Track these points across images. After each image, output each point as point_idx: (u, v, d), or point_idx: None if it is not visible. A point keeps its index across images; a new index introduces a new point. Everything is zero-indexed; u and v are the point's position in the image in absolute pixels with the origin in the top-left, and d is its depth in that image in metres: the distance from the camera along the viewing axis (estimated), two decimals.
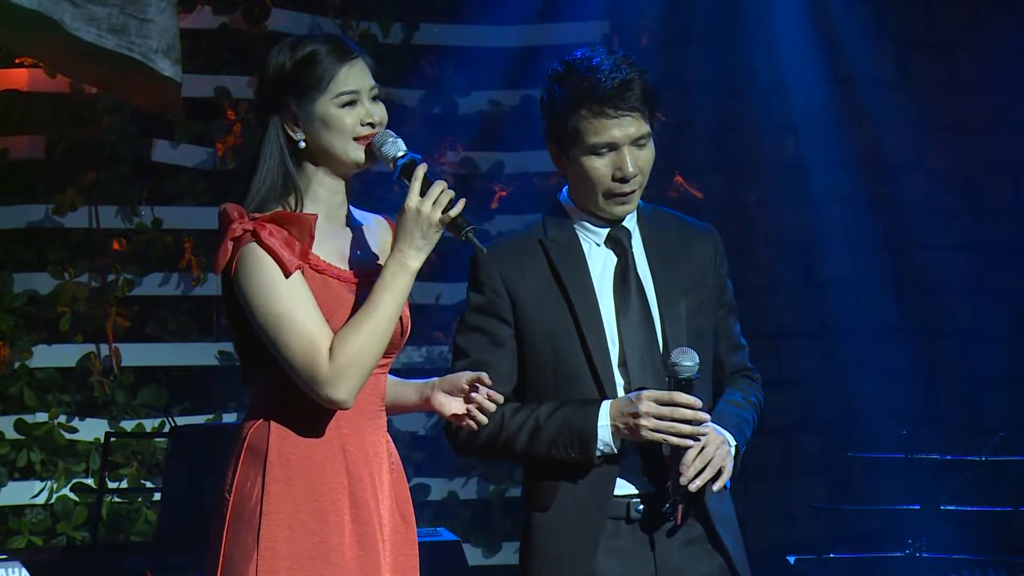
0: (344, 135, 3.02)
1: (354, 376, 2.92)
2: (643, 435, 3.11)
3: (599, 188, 3.23)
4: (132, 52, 4.71)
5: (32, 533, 5.76)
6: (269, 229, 2.93)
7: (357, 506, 2.99)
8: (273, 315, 2.91)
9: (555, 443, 3.18)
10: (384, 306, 2.95)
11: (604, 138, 3.21)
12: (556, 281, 3.25)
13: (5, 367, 5.74)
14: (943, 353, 6.94)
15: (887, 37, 7.03)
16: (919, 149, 7.11)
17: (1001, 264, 7.07)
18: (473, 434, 3.22)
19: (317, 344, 2.90)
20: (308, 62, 3.01)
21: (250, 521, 2.94)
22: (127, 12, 4.68)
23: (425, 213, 2.95)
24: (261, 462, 2.96)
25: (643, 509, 3.20)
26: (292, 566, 2.92)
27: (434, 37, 6.46)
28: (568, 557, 3.19)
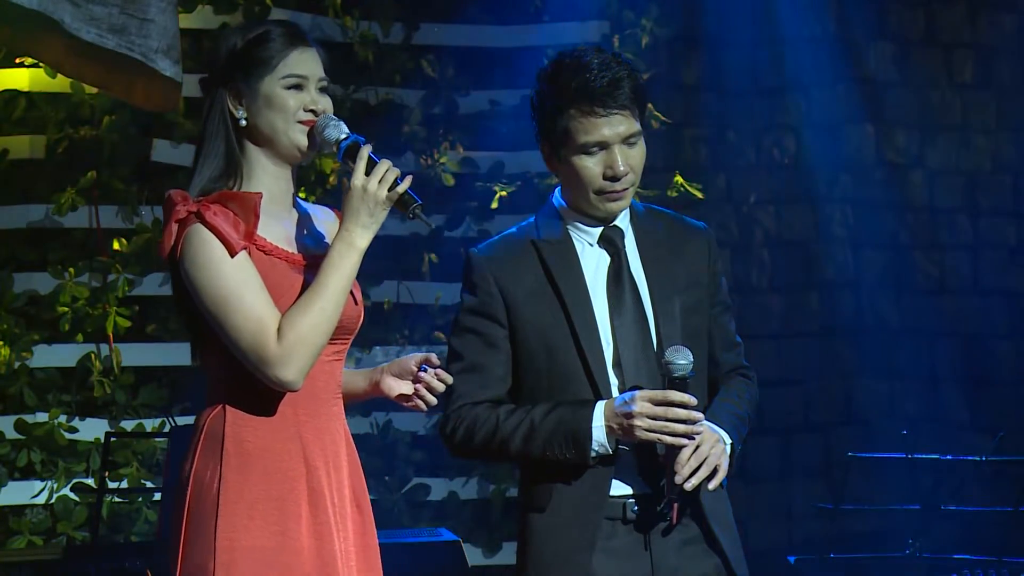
0: (286, 116, 3.00)
1: (303, 356, 2.89)
2: (637, 435, 3.11)
3: (590, 187, 3.22)
4: (132, 52, 4.71)
5: (32, 533, 5.75)
6: (213, 209, 2.91)
7: (314, 494, 2.97)
8: (220, 296, 2.89)
9: (550, 444, 3.18)
10: (332, 285, 2.94)
11: (594, 137, 3.20)
12: (549, 282, 3.25)
13: (5, 367, 5.73)
14: (943, 353, 6.94)
15: (887, 37, 7.04)
16: (919, 149, 7.11)
17: (1001, 264, 7.07)
18: (468, 436, 3.23)
19: (265, 324, 2.88)
20: (260, 41, 3.01)
21: (209, 512, 2.92)
22: (127, 12, 4.68)
23: (372, 191, 2.95)
24: (218, 451, 2.94)
25: (639, 509, 3.20)
26: (251, 556, 2.90)
27: (434, 37, 6.46)
28: (564, 558, 3.19)
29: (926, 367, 6.90)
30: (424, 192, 6.29)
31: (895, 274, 6.90)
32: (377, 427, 6.21)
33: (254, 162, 3.04)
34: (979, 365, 6.96)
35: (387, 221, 6.97)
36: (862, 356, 6.89)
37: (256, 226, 2.94)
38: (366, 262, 6.49)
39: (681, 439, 3.12)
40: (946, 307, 7.01)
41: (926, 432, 5.98)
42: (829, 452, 6.76)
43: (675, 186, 6.42)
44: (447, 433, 3.29)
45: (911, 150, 7.12)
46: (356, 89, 6.32)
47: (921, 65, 7.13)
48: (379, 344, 6.23)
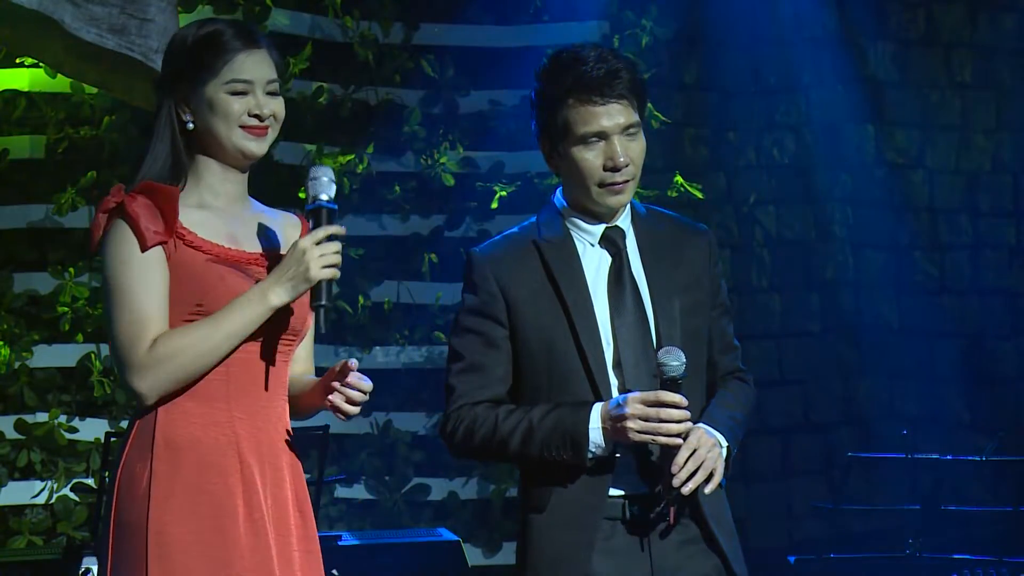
0: (229, 121, 2.97)
1: (164, 373, 2.89)
2: (631, 437, 3.11)
3: (591, 180, 3.20)
4: (132, 52, 4.71)
5: (32, 533, 5.75)
6: (139, 201, 2.92)
7: (248, 490, 2.94)
8: (116, 288, 2.91)
9: (548, 445, 3.17)
10: (228, 323, 2.91)
11: (593, 127, 3.18)
12: (550, 281, 3.24)
13: (5, 367, 5.73)
14: (943, 353, 6.94)
15: (887, 37, 7.04)
16: (919, 149, 7.11)
17: (1001, 264, 7.07)
18: (468, 435, 3.22)
19: (145, 327, 2.89)
20: (206, 43, 2.99)
21: (140, 504, 2.90)
22: (127, 12, 4.68)
23: (308, 260, 2.92)
24: (149, 445, 2.92)
25: (638, 509, 3.20)
26: (185, 550, 2.88)
27: (434, 37, 6.46)
28: (564, 558, 3.18)
29: (926, 367, 6.90)
30: (424, 192, 6.34)
31: (895, 274, 6.90)
32: (377, 427, 6.21)
33: (201, 165, 3.03)
34: (979, 365, 6.96)
35: (388, 221, 6.96)
36: (862, 356, 6.90)
37: (175, 217, 2.93)
38: (366, 262, 6.50)
39: (674, 439, 3.12)
40: (946, 307, 7.01)
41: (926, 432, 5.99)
42: (829, 452, 6.76)
43: (675, 186, 6.42)
44: (447, 433, 3.27)
45: (911, 150, 7.12)
46: (356, 89, 6.32)
47: (921, 65, 7.13)
48: (379, 344, 6.23)
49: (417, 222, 6.36)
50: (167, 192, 2.95)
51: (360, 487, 6.15)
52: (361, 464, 6.16)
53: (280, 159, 6.04)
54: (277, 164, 6.00)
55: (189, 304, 2.94)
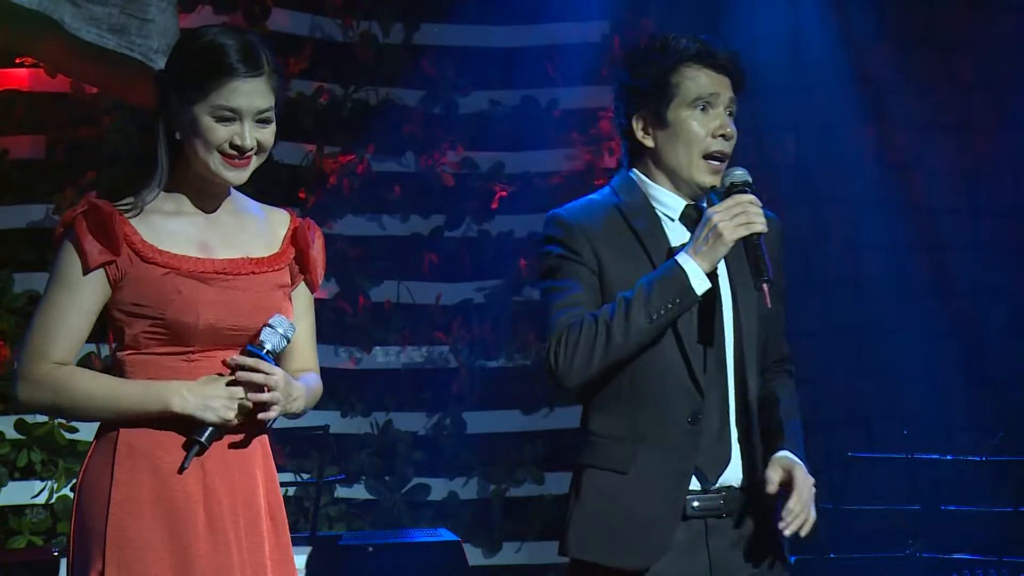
0: (208, 146, 2.94)
1: (43, 398, 2.98)
2: (730, 236, 3.13)
3: (696, 146, 3.26)
4: (132, 52, 4.71)
5: (32, 533, 5.75)
6: (92, 219, 2.93)
7: (211, 499, 2.93)
8: (46, 301, 2.96)
9: (651, 304, 3.12)
10: (124, 403, 2.92)
11: (708, 89, 3.26)
12: (638, 242, 3.24)
13: (5, 367, 5.73)
14: (943, 353, 6.94)
15: (887, 37, 7.04)
16: (919, 149, 7.11)
17: (1001, 264, 7.07)
18: (572, 348, 3.15)
19: (52, 344, 2.96)
20: (203, 61, 2.93)
21: (100, 511, 2.91)
22: (127, 12, 4.69)
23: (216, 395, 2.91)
24: (111, 451, 2.93)
25: (699, 505, 3.19)
26: (142, 555, 2.88)
27: (434, 37, 6.47)
28: (648, 524, 3.16)
29: (926, 367, 6.90)
30: (424, 192, 6.34)
31: (895, 274, 6.90)
32: (377, 427, 6.21)
33: (185, 171, 3.01)
34: (979, 365, 6.95)
35: (388, 221, 6.96)
36: (863, 356, 6.89)
37: (119, 240, 2.92)
38: (366, 262, 6.49)
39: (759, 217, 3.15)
40: (946, 307, 7.01)
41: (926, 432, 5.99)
42: (829, 452, 6.76)
43: None
44: (550, 361, 3.18)
45: (911, 150, 7.12)
46: (356, 89, 6.32)
47: (921, 65, 7.13)
48: (379, 344, 6.23)
49: (417, 222, 6.36)
50: (110, 214, 2.94)
51: (360, 487, 6.15)
52: (361, 464, 6.16)
53: (280, 159, 6.04)
54: (277, 164, 6.00)
55: (150, 316, 2.93)
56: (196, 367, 2.94)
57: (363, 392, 6.21)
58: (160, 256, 2.95)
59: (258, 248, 3.05)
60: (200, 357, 2.95)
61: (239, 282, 2.98)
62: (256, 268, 3.02)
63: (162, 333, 2.93)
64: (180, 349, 2.94)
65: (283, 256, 3.08)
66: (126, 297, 2.94)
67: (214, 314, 2.93)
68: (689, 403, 3.19)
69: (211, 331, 2.93)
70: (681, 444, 3.18)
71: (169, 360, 2.94)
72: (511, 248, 6.37)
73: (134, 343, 2.96)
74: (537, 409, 6.36)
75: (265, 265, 3.03)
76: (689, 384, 3.20)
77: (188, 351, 2.94)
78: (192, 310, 2.92)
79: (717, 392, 3.23)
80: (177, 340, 2.93)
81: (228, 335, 2.95)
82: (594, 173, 6.39)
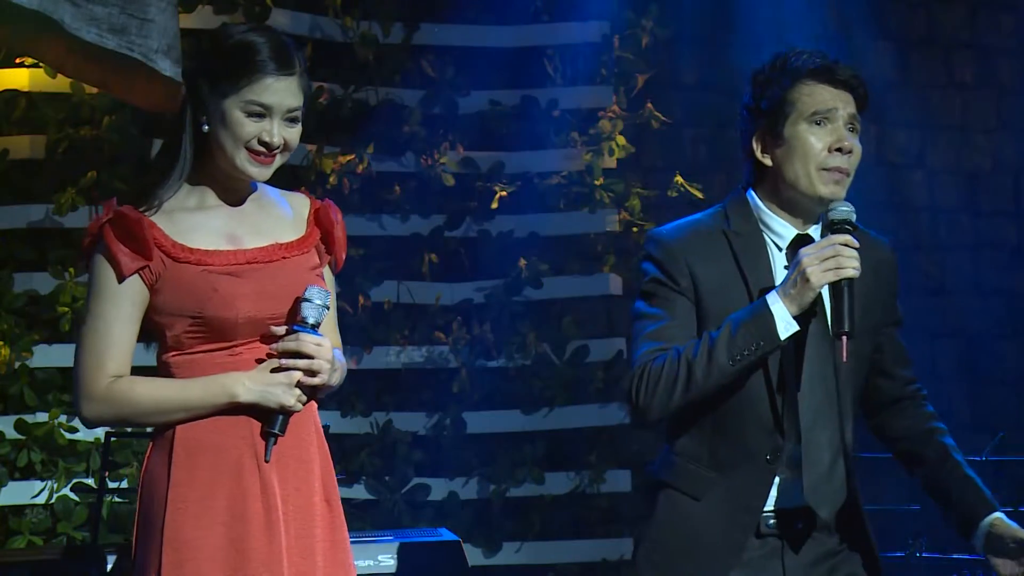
0: (237, 140, 2.98)
1: (110, 412, 2.98)
2: (817, 280, 3.06)
3: (812, 161, 3.19)
4: (132, 52, 4.71)
5: (32, 533, 5.75)
6: (120, 226, 2.95)
7: (267, 491, 2.95)
8: (89, 315, 2.98)
9: (734, 345, 3.08)
10: (190, 399, 2.95)
11: (826, 104, 3.20)
12: (738, 270, 3.21)
13: (5, 367, 5.73)
14: (943, 353, 6.94)
15: (887, 37, 7.04)
16: (919, 149, 7.11)
17: (1001, 264, 7.07)
18: (653, 383, 3.14)
19: (106, 357, 2.96)
20: (238, 56, 2.96)
21: (158, 511, 2.93)
22: (128, 12, 4.68)
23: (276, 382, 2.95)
24: (167, 452, 2.95)
25: (775, 524, 3.18)
26: (198, 553, 2.90)
27: (434, 37, 6.46)
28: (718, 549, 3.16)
29: (926, 367, 6.89)
30: (424, 192, 6.34)
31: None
32: (377, 427, 6.21)
33: (210, 165, 3.04)
34: (979, 365, 6.95)
35: (388, 221, 6.96)
36: None
37: (150, 245, 2.95)
38: (366, 262, 6.49)
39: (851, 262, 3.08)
40: (946, 307, 7.01)
41: None
42: None
43: (675, 186, 6.42)
44: (631, 396, 3.17)
45: (911, 150, 7.12)
46: (356, 89, 6.32)
47: (921, 65, 7.13)
48: (379, 344, 6.23)
49: (417, 222, 6.36)
50: (137, 219, 2.96)
51: (360, 487, 6.15)
52: (361, 464, 6.16)
53: None
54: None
55: (190, 315, 2.96)
56: (240, 360, 2.98)
57: (363, 392, 6.21)
58: (192, 254, 2.98)
59: (286, 233, 3.08)
60: (243, 349, 2.98)
61: (272, 269, 3.01)
62: (287, 253, 3.05)
63: (203, 331, 2.96)
64: (223, 344, 2.98)
65: (310, 238, 3.11)
66: (163, 299, 2.97)
67: (252, 306, 2.96)
68: (768, 441, 3.17)
69: (251, 322, 2.97)
70: (755, 481, 3.16)
71: (214, 356, 2.98)
72: (511, 248, 6.37)
73: (177, 344, 2.98)
74: (537, 409, 6.36)
75: (295, 249, 3.07)
76: (771, 423, 3.17)
77: (231, 345, 2.98)
78: (230, 305, 2.95)
79: (827, 430, 3.18)
80: (219, 336, 2.97)
81: (269, 324, 2.98)
82: (594, 173, 6.39)
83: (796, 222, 3.26)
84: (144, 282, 2.97)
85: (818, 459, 3.16)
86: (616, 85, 6.47)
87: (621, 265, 6.39)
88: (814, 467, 3.15)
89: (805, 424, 3.15)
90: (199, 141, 3.01)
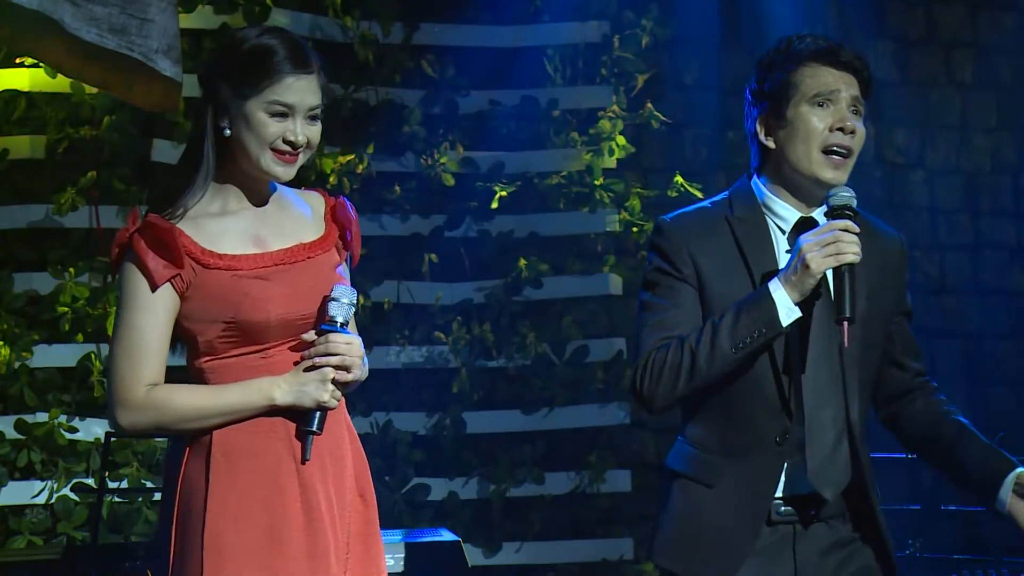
0: (261, 142, 3.00)
1: (147, 420, 2.98)
2: (817, 267, 3.08)
3: (814, 141, 3.21)
4: (132, 52, 4.71)
5: (32, 533, 5.75)
6: (148, 237, 2.97)
7: (307, 492, 2.98)
8: (122, 325, 2.99)
9: (737, 333, 3.11)
10: (227, 403, 2.98)
11: (829, 86, 3.22)
12: (740, 255, 3.23)
13: (5, 367, 5.73)
14: (943, 353, 6.94)
15: (887, 37, 7.04)
16: (919, 149, 7.11)
17: (1001, 264, 7.07)
18: (657, 373, 3.17)
19: (141, 366, 2.98)
20: (257, 58, 2.99)
21: (197, 515, 2.95)
22: (127, 12, 4.68)
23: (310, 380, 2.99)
24: (205, 456, 2.97)
25: (785, 511, 3.19)
26: (238, 558, 2.92)
27: (434, 37, 6.46)
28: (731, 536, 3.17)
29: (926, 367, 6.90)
30: (424, 192, 6.34)
31: None
32: (377, 427, 6.21)
33: (232, 169, 3.06)
34: (979, 365, 6.95)
35: (387, 221, 6.96)
36: None
37: (181, 253, 2.97)
38: (366, 262, 6.50)
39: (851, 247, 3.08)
40: (946, 307, 7.01)
41: None
42: None
43: (675, 186, 6.42)
44: (636, 385, 3.20)
45: (911, 150, 7.12)
46: (356, 89, 6.32)
47: (921, 65, 7.13)
48: (379, 344, 6.23)
49: (417, 222, 6.36)
50: (168, 229, 2.98)
51: None
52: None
53: None
54: None
55: (222, 320, 2.99)
56: (272, 362, 3.01)
57: (363, 392, 6.21)
58: (221, 260, 3.00)
59: (307, 232, 3.12)
60: (275, 351, 3.02)
61: (299, 270, 3.05)
62: (311, 252, 3.08)
63: (236, 335, 2.99)
64: (256, 347, 3.01)
65: (330, 236, 3.14)
66: (195, 306, 3.00)
67: (283, 307, 2.99)
68: (776, 423, 3.18)
69: (283, 324, 3.00)
70: (766, 464, 3.18)
71: (247, 360, 3.01)
72: (511, 248, 6.37)
73: (210, 349, 3.02)
74: (537, 409, 6.36)
75: (318, 248, 3.10)
76: (778, 404, 3.19)
77: (263, 348, 3.01)
78: (262, 308, 2.98)
79: (830, 409, 3.19)
80: (252, 339, 3.00)
81: (299, 325, 3.02)
82: (594, 173, 6.39)
83: (800, 205, 3.28)
84: (176, 290, 2.99)
85: (821, 440, 3.17)
86: (616, 85, 6.47)
87: (621, 265, 6.40)
88: (818, 448, 3.17)
89: (809, 406, 3.17)
90: (220, 145, 3.03)
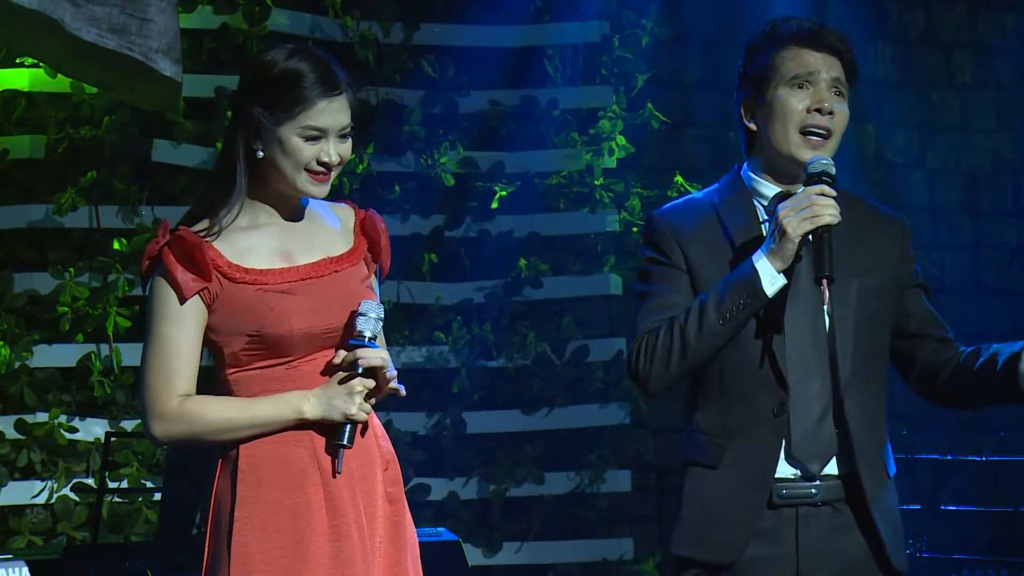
0: (297, 164, 3.02)
1: (179, 431, 3.00)
2: (795, 232, 3.10)
3: (792, 122, 3.23)
4: (132, 52, 4.71)
5: (32, 533, 5.75)
6: (178, 249, 2.99)
7: (333, 499, 3.00)
8: (153, 337, 3.01)
9: (723, 304, 3.13)
10: (257, 416, 3.00)
11: (808, 67, 3.24)
12: (728, 240, 3.25)
13: (5, 367, 5.73)
14: None
15: (887, 37, 7.04)
16: (919, 149, 7.12)
17: (1001, 264, 7.07)
18: (651, 352, 3.19)
19: (173, 377, 2.99)
20: (288, 84, 3.01)
21: (225, 529, 2.99)
22: (127, 12, 4.68)
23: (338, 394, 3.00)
24: (232, 471, 3.01)
25: (787, 493, 3.20)
26: (263, 567, 2.95)
27: (434, 37, 6.46)
28: (733, 517, 3.19)
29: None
30: (424, 192, 6.34)
31: None
32: None
33: (262, 187, 3.08)
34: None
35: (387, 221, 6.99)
36: None
37: (209, 267, 2.99)
38: None
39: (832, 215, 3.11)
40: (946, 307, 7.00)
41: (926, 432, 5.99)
42: None
43: (675, 186, 6.43)
44: (632, 366, 3.23)
45: (911, 150, 7.12)
46: (356, 89, 6.27)
47: (921, 65, 7.13)
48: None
49: (417, 222, 6.36)
50: (197, 243, 3.00)
51: None
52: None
53: None
54: None
55: (246, 333, 3.01)
56: (297, 373, 3.02)
57: None
58: (247, 275, 3.02)
59: (335, 246, 3.13)
60: (300, 363, 3.03)
61: (325, 283, 3.06)
62: (338, 266, 3.10)
63: (260, 348, 3.01)
64: (280, 360, 3.02)
65: (358, 249, 3.17)
66: (221, 319, 3.01)
67: (306, 321, 3.01)
68: (773, 396, 3.19)
69: (306, 338, 3.01)
70: (766, 437, 3.19)
71: (272, 372, 3.02)
72: (511, 248, 6.37)
73: (235, 361, 3.03)
74: (537, 409, 6.36)
75: (345, 261, 3.12)
76: (771, 377, 3.20)
77: (288, 360, 3.02)
78: (285, 322, 2.99)
79: (816, 383, 3.21)
80: (276, 352, 3.01)
81: (324, 338, 3.03)
82: (594, 173, 6.39)
83: (783, 181, 3.30)
84: (204, 302, 3.01)
85: (805, 413, 3.19)
86: (616, 85, 6.48)
87: (621, 265, 6.40)
88: (801, 420, 3.19)
89: (794, 377, 3.19)
90: (251, 164, 3.05)
